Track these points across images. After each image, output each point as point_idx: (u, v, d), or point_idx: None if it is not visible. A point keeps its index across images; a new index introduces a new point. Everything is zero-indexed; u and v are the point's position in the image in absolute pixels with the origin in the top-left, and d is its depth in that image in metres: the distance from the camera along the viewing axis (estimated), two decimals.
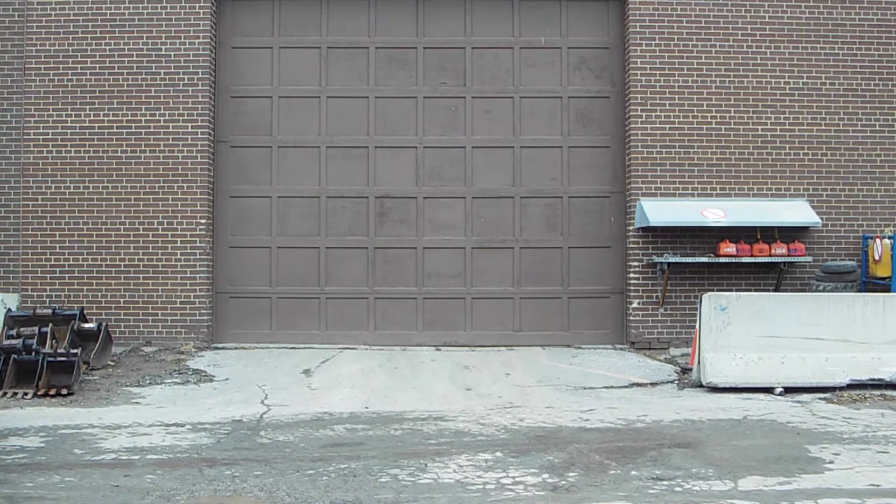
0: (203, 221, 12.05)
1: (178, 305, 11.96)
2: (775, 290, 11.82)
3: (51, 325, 10.32)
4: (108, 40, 12.04)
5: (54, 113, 12.03)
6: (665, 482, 6.31)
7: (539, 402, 9.25)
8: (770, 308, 10.04)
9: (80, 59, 12.03)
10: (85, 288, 11.93)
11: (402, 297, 12.43)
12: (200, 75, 12.05)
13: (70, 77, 12.03)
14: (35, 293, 11.96)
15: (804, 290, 11.89)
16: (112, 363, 10.97)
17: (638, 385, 10.26)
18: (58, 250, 11.95)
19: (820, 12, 12.27)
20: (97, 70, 12.03)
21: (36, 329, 10.28)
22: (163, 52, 12.04)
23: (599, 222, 12.55)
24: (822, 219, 12.00)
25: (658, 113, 12.16)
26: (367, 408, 9.01)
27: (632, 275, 12.16)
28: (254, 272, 12.42)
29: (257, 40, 12.53)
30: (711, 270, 12.17)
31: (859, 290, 11.73)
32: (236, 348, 12.05)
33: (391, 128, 12.53)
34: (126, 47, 12.04)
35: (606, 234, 12.53)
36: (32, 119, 12.03)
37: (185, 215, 12.01)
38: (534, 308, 12.44)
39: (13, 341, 9.88)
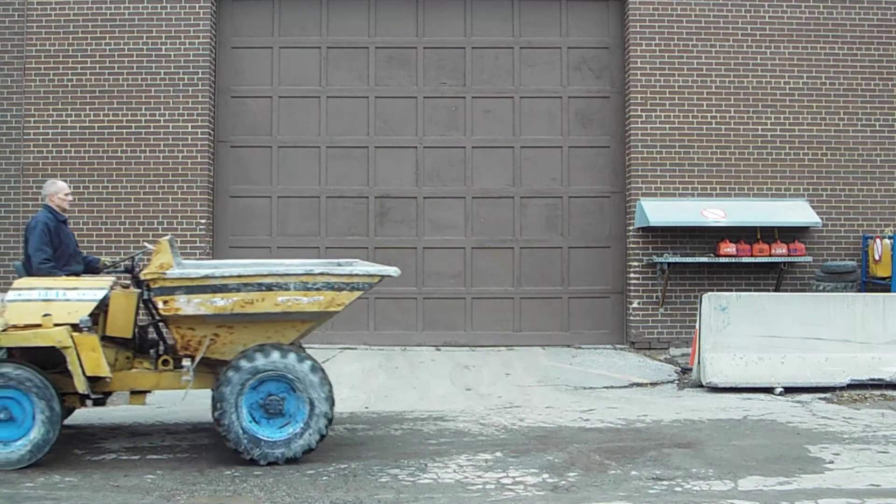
0: (203, 221, 12.05)
1: None
2: (775, 290, 11.82)
3: None
4: (108, 40, 12.04)
5: (54, 113, 12.02)
6: (665, 482, 6.32)
7: (539, 402, 9.25)
8: (770, 308, 10.05)
9: (80, 59, 12.02)
10: None
11: (402, 297, 12.43)
12: (200, 75, 12.04)
13: (70, 77, 12.02)
14: None
15: (804, 290, 11.89)
16: None
17: (638, 385, 10.27)
18: None
19: (820, 12, 12.27)
20: (97, 70, 12.02)
21: None
22: (163, 52, 12.04)
23: (599, 222, 12.54)
24: (822, 219, 12.00)
25: (658, 113, 12.16)
26: (367, 408, 9.02)
27: (632, 275, 12.16)
28: None
29: (257, 40, 12.53)
30: (711, 270, 12.17)
31: (859, 290, 11.73)
32: None
33: (391, 128, 12.53)
34: (126, 47, 12.03)
35: (606, 234, 12.53)
36: (32, 119, 12.03)
37: (185, 215, 12.01)
38: (534, 308, 12.44)
39: None
